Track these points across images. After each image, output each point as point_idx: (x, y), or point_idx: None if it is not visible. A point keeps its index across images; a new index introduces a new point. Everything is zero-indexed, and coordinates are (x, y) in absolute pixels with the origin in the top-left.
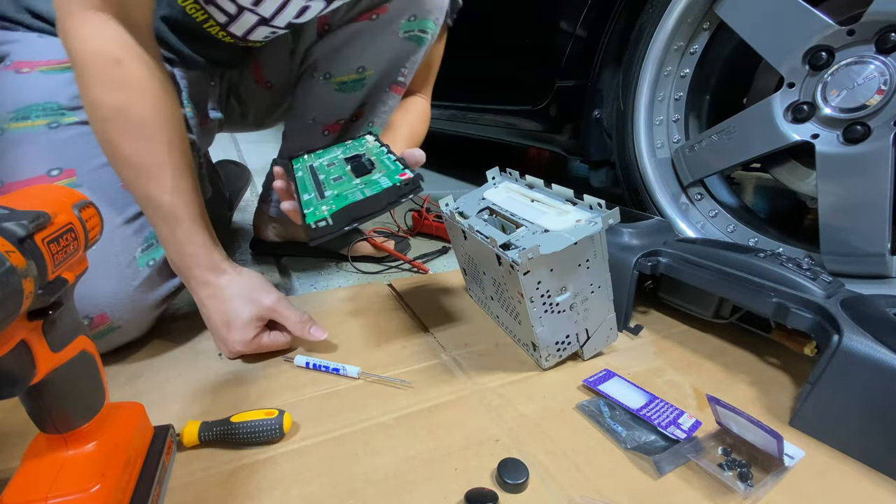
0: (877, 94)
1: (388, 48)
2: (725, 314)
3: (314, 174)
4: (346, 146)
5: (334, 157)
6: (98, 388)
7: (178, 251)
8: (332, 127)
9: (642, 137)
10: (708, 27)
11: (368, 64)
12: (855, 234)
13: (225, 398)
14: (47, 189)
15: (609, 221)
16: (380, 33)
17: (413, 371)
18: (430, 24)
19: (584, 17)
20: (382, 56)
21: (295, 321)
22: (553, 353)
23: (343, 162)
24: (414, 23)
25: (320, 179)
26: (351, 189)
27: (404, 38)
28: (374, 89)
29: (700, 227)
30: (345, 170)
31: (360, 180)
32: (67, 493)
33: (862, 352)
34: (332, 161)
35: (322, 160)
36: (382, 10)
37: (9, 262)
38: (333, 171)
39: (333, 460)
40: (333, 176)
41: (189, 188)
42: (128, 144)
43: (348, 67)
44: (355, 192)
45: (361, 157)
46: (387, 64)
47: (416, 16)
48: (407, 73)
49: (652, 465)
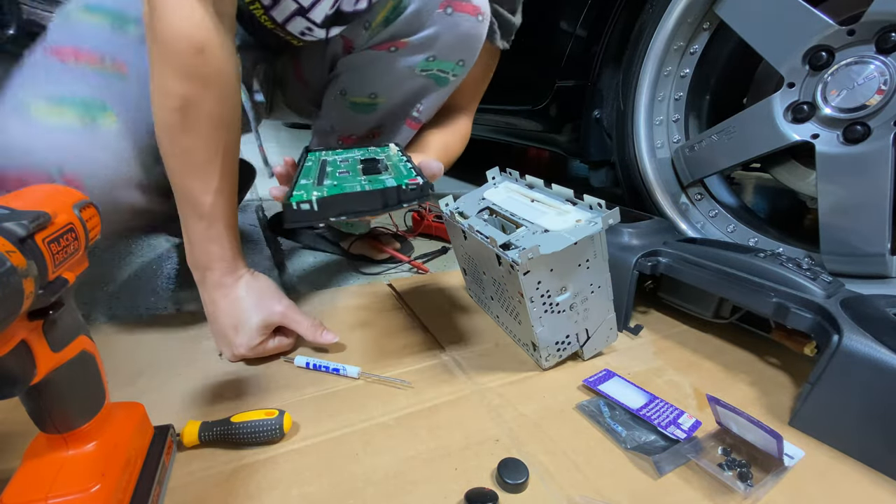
0: (877, 94)
1: (402, 82)
2: (725, 314)
3: (323, 167)
4: (367, 150)
5: (350, 156)
6: (98, 388)
7: (204, 249)
8: (347, 139)
9: (642, 137)
10: (708, 27)
11: (381, 92)
12: (855, 234)
13: (225, 398)
14: (48, 189)
15: (609, 221)
16: (396, 65)
17: (413, 371)
18: (450, 66)
19: (584, 17)
20: (395, 88)
21: (307, 326)
22: (553, 353)
23: (357, 161)
24: (433, 63)
25: (326, 171)
26: (351, 183)
27: (421, 76)
28: (388, 117)
29: (700, 227)
30: (355, 167)
31: (366, 178)
32: (67, 493)
33: (862, 352)
34: (347, 159)
35: (337, 157)
36: (401, 45)
37: (9, 262)
38: (343, 167)
39: (333, 460)
40: (340, 170)
41: (231, 191)
42: (188, 138)
43: (361, 90)
44: (354, 185)
45: (377, 161)
46: (400, 97)
47: (435, 56)
48: (423, 109)
49: (652, 465)
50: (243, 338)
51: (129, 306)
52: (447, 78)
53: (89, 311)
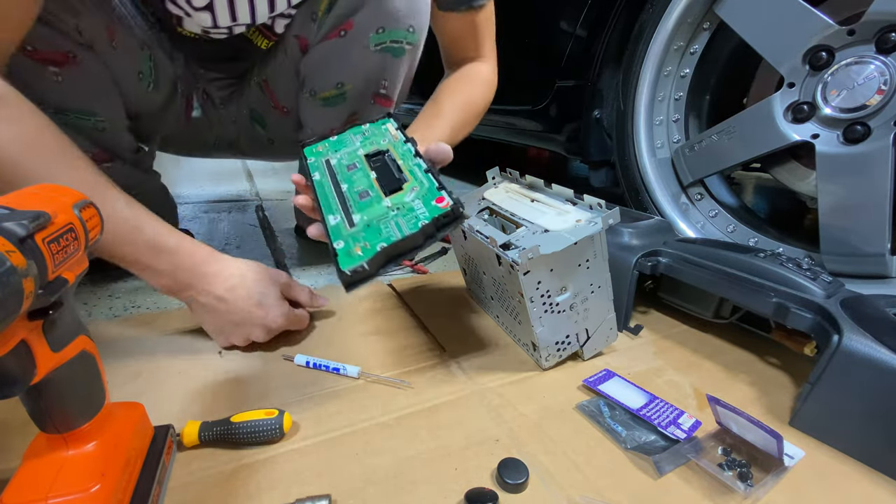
0: (877, 94)
1: (362, 63)
2: (725, 314)
3: (334, 180)
4: (364, 135)
5: (353, 152)
6: (98, 388)
7: (172, 259)
8: (329, 134)
9: (642, 137)
10: (708, 27)
11: (346, 79)
12: (855, 234)
13: (225, 398)
14: (48, 189)
15: (609, 221)
16: (351, 49)
17: (413, 371)
18: (402, 34)
19: (584, 17)
20: (358, 71)
21: (306, 293)
22: (553, 353)
23: (365, 163)
24: (383, 35)
25: (344, 192)
26: (382, 216)
27: (377, 52)
28: (358, 102)
29: (700, 227)
30: (370, 179)
31: (392, 202)
32: (67, 493)
33: (862, 352)
34: (353, 161)
35: (339, 156)
36: (349, 26)
37: (9, 262)
38: (356, 178)
39: (333, 460)
40: (358, 188)
41: (133, 199)
42: (56, 173)
43: (327, 84)
44: (388, 224)
45: (385, 157)
46: (363, 78)
47: (383, 27)
48: (388, 84)
49: (652, 465)
50: (275, 309)
51: (128, 306)
52: (402, 48)
53: (89, 311)
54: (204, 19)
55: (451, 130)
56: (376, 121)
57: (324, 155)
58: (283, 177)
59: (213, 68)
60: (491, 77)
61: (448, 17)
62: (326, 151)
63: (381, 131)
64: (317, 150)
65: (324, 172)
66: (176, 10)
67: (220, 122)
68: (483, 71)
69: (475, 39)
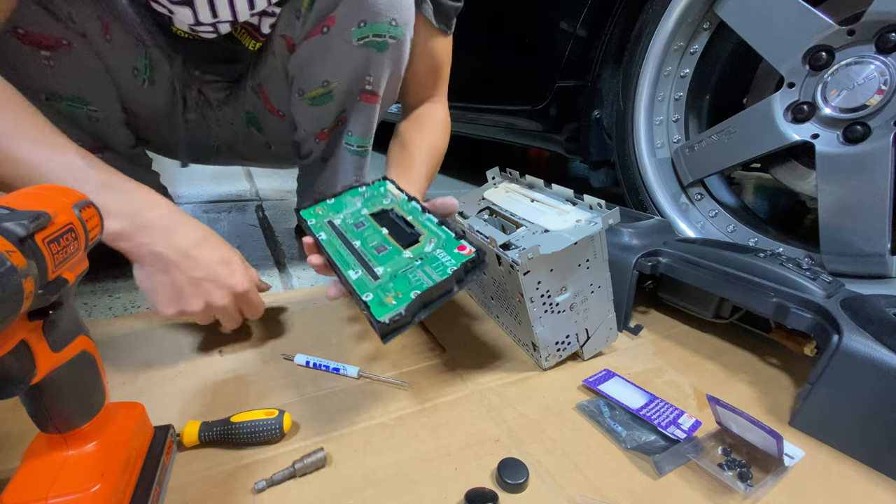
0: (877, 94)
1: (345, 59)
2: (725, 314)
3: (344, 239)
4: (363, 196)
5: (356, 212)
6: (98, 388)
7: (129, 198)
8: (320, 135)
9: (642, 137)
10: (708, 27)
11: (331, 77)
12: (855, 234)
13: (225, 398)
14: (48, 189)
15: (609, 221)
16: (334, 45)
17: (413, 371)
18: (383, 27)
19: (584, 17)
20: (342, 68)
21: (256, 273)
22: (553, 353)
23: (372, 222)
24: (365, 28)
25: (358, 248)
26: (407, 267)
27: (360, 46)
28: (346, 99)
29: (700, 227)
30: (382, 235)
31: (413, 253)
32: (67, 493)
33: (862, 352)
34: (359, 220)
35: (342, 216)
36: (331, 21)
37: (9, 262)
38: (368, 236)
39: (333, 460)
40: (373, 244)
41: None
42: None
43: (314, 83)
44: (415, 272)
45: (391, 214)
46: (349, 74)
47: (364, 21)
48: (374, 80)
49: (652, 465)
50: (241, 271)
51: (128, 306)
52: (385, 42)
53: (89, 311)
54: (185, 15)
55: (426, 180)
56: (374, 183)
57: (324, 217)
58: (283, 177)
59: (210, 70)
60: (447, 120)
61: (426, 43)
62: (326, 213)
63: (380, 192)
64: (315, 213)
65: (330, 232)
66: (159, 8)
67: (218, 125)
68: (440, 114)
69: (437, 80)
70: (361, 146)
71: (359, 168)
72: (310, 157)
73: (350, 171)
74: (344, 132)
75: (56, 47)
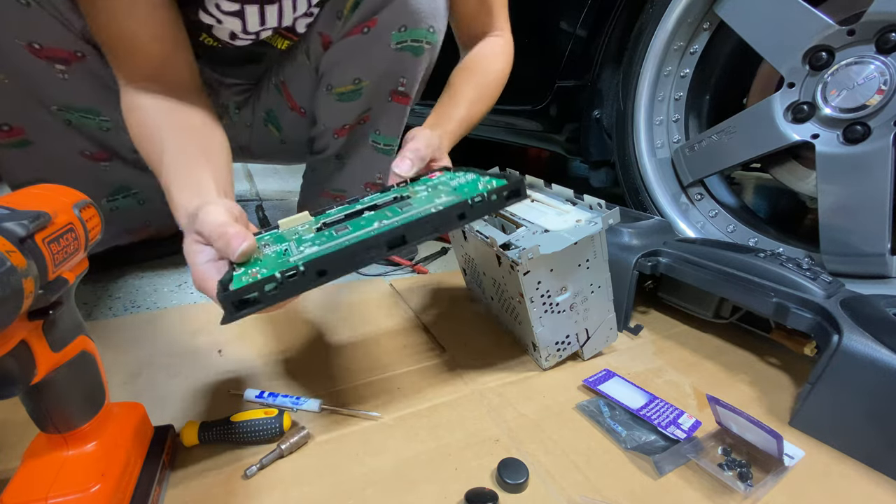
0: (877, 94)
1: (382, 60)
2: (725, 314)
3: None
4: (376, 197)
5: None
6: (98, 388)
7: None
8: (340, 131)
9: (642, 137)
10: (708, 27)
11: (363, 75)
12: (855, 234)
13: (225, 398)
14: (48, 189)
15: (609, 221)
16: (373, 46)
17: (413, 371)
18: (422, 33)
19: (584, 17)
20: (376, 68)
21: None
22: (553, 353)
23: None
24: (405, 33)
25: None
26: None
27: (397, 50)
28: (374, 98)
29: (700, 227)
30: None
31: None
32: (67, 493)
33: (862, 352)
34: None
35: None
36: (372, 23)
37: (9, 262)
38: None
39: (333, 460)
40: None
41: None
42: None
43: (346, 79)
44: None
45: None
46: (381, 75)
47: (406, 26)
48: (407, 83)
49: (652, 465)
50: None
51: (129, 306)
52: (421, 47)
53: (89, 311)
54: (234, 24)
55: (464, 122)
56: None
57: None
58: (284, 177)
59: (231, 74)
60: (507, 49)
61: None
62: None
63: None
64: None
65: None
66: (208, 20)
67: (232, 128)
68: (499, 45)
69: (489, 13)
70: (388, 145)
71: (383, 166)
72: (323, 152)
73: (375, 168)
74: (368, 130)
75: (70, 60)
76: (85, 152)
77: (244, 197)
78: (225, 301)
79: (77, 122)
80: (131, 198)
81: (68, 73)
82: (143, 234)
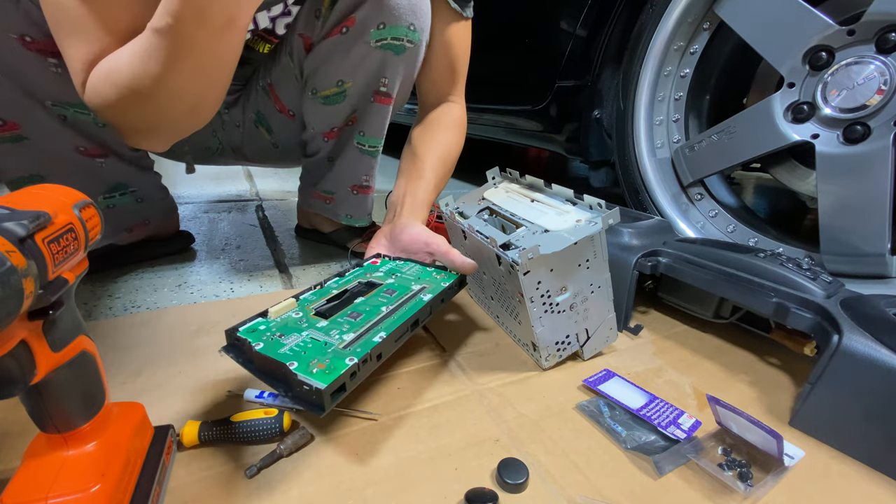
0: (877, 94)
1: (362, 59)
2: (725, 314)
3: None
4: (354, 276)
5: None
6: (98, 388)
7: None
8: (329, 134)
9: (642, 137)
10: (708, 27)
11: (346, 77)
12: (855, 234)
13: (225, 398)
14: (48, 189)
15: (609, 221)
16: (353, 45)
17: (413, 371)
18: (402, 31)
19: (584, 17)
20: (358, 68)
21: None
22: (553, 353)
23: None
24: (384, 31)
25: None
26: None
27: (377, 48)
28: (358, 100)
29: (700, 227)
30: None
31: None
32: (67, 493)
33: (862, 352)
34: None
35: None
36: (351, 22)
37: (9, 262)
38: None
39: (333, 460)
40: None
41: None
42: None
43: (329, 82)
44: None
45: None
46: (364, 75)
47: (384, 23)
48: (389, 82)
49: (652, 465)
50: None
51: (128, 306)
52: (403, 45)
53: (89, 311)
54: None
55: (435, 191)
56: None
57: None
58: (283, 177)
59: None
60: (463, 121)
61: (444, 31)
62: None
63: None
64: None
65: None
66: None
67: (224, 127)
68: (455, 114)
69: (454, 79)
70: (373, 146)
71: (369, 168)
72: (315, 155)
73: (360, 170)
74: (354, 132)
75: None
76: (80, 148)
77: (244, 197)
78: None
79: (72, 117)
80: (128, 195)
81: (62, 66)
82: (142, 233)
